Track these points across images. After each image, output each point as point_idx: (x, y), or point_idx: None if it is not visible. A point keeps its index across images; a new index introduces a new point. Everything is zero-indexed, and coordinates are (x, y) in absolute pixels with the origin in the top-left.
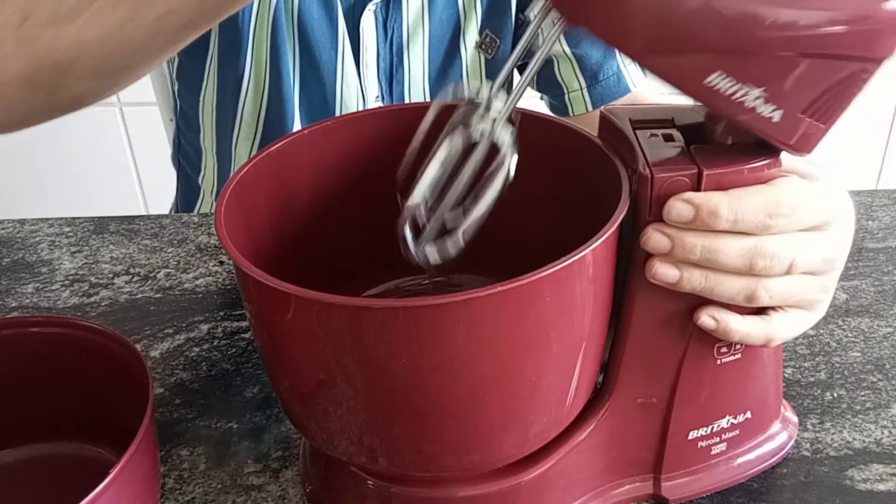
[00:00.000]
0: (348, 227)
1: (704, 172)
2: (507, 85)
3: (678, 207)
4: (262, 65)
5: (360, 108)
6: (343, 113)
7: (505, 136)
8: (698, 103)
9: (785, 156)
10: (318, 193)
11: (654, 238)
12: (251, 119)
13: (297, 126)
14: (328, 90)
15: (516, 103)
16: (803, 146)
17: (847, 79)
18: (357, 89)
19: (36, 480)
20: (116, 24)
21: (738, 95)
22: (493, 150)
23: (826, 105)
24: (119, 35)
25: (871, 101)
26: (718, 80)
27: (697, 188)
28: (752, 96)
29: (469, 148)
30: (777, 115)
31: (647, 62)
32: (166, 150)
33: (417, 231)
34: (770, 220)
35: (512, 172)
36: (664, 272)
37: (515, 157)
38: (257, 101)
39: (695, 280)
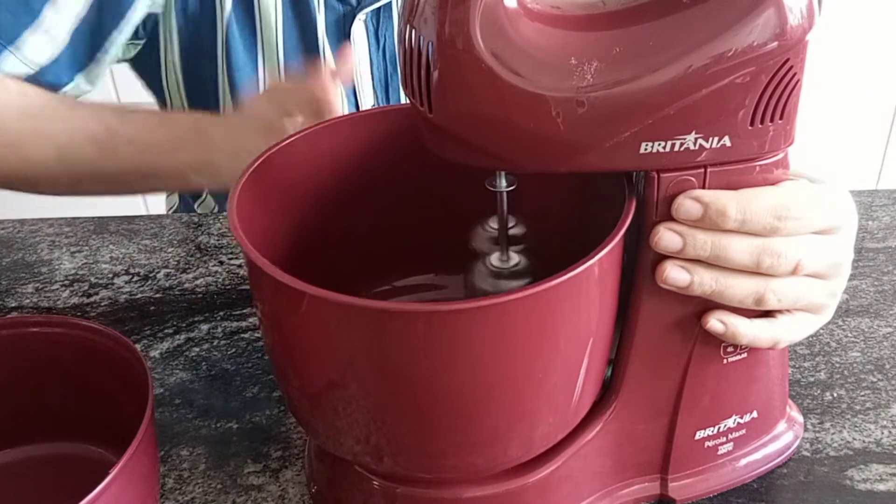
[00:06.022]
0: (354, 227)
1: (710, 171)
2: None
3: (687, 205)
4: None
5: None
6: None
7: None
8: None
9: (792, 161)
10: (328, 190)
11: (667, 237)
12: None
13: None
14: None
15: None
16: (779, 145)
17: (774, 76)
18: (342, 100)
19: (36, 480)
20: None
21: (678, 147)
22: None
23: (771, 107)
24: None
25: (870, 101)
26: (650, 147)
27: (703, 187)
28: (691, 140)
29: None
30: (727, 141)
31: (577, 166)
32: None
33: None
34: (778, 222)
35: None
36: (675, 276)
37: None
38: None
39: (705, 283)
